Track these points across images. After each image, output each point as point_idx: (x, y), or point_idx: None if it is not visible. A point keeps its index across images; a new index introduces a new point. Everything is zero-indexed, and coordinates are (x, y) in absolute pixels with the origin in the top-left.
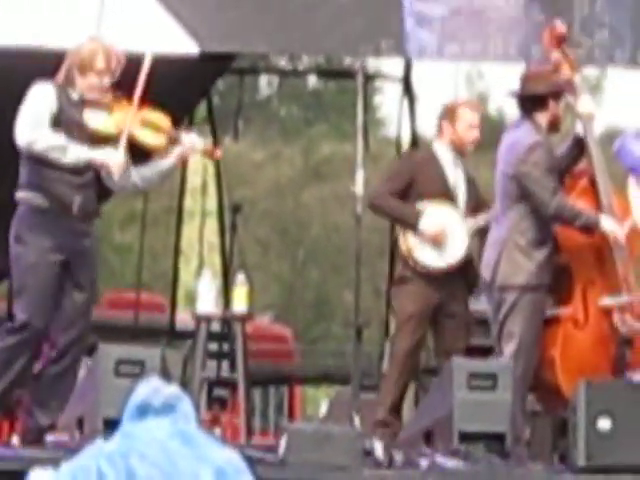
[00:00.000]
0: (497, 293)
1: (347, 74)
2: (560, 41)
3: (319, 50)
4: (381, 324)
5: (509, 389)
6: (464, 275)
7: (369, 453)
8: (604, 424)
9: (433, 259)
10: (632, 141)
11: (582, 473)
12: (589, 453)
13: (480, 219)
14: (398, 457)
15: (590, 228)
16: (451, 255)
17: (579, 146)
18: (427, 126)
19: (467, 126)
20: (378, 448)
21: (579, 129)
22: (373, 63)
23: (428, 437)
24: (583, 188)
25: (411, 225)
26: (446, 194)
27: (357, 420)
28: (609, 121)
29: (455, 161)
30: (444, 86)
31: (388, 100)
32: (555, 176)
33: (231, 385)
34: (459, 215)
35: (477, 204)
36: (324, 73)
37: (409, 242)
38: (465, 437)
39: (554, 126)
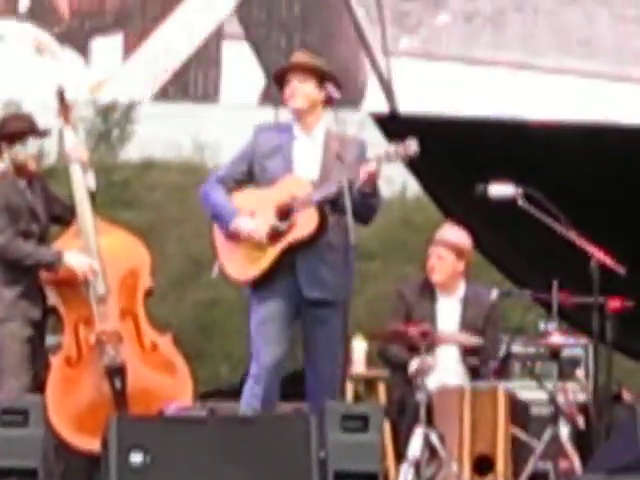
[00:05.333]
0: None
1: None
2: (60, 97)
3: None
4: None
5: (40, 425)
6: None
7: None
8: (136, 458)
9: None
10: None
11: None
12: None
13: None
14: None
15: (53, 265)
16: None
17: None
18: None
19: None
20: None
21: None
22: None
23: None
24: (77, 229)
25: None
26: None
27: None
28: (144, 151)
29: None
30: None
31: None
32: (14, 216)
33: None
34: None
35: None
36: None
37: None
38: None
39: (19, 169)
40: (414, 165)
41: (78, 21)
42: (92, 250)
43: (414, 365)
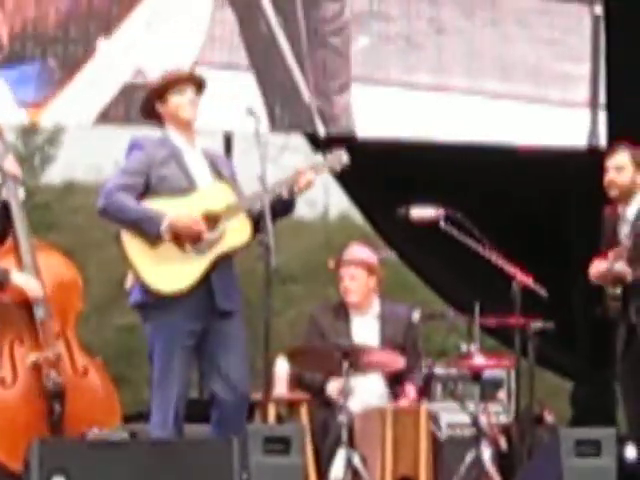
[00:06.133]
0: None
1: None
2: None
3: None
4: None
5: None
6: None
7: None
8: None
9: None
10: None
11: None
12: None
13: None
14: None
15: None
16: None
17: (7, 208)
18: None
19: None
20: None
21: (4, 192)
22: None
23: None
24: (9, 247)
25: None
26: None
27: None
28: (66, 175)
29: None
30: None
31: None
32: None
33: None
34: None
35: None
36: None
37: None
38: None
39: None
40: (345, 184)
41: (19, 44)
42: (31, 269)
43: (333, 385)
